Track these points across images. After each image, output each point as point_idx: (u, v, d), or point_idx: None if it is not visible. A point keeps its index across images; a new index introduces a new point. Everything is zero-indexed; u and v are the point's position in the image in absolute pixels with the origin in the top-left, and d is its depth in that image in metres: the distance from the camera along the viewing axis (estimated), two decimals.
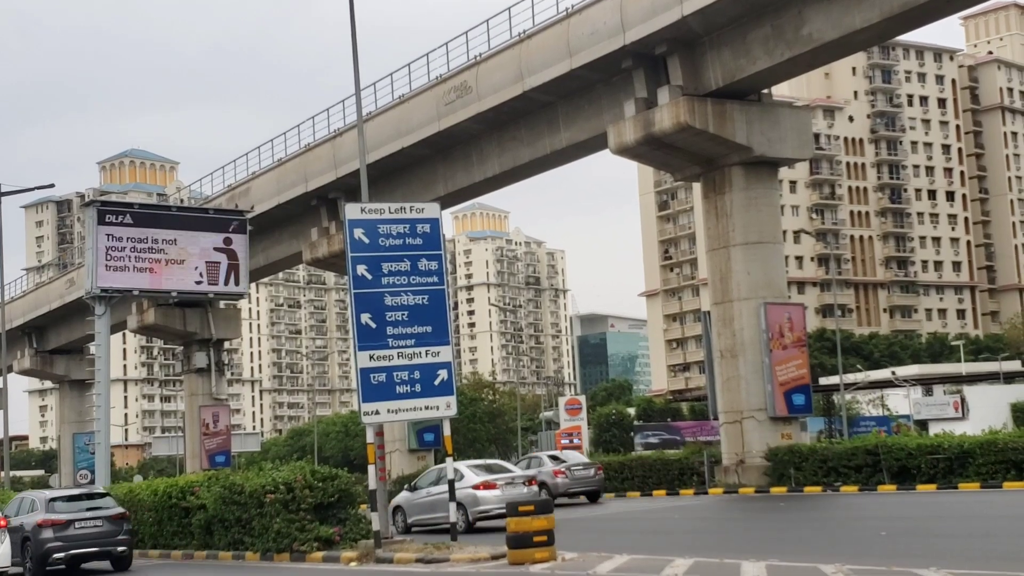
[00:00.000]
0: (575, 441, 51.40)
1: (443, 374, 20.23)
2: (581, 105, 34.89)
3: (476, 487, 24.66)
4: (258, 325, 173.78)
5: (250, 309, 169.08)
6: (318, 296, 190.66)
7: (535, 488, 26.01)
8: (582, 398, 56.77)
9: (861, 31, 28.21)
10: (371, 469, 20.23)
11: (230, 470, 29.42)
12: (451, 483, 20.51)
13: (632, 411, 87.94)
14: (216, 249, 41.64)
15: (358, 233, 20.15)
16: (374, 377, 19.74)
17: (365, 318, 19.87)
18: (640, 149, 32.61)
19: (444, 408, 20.26)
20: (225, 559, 22.42)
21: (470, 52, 37.25)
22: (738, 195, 31.71)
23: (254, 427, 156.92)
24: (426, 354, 20.10)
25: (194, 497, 23.73)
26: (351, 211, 20.33)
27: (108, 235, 38.39)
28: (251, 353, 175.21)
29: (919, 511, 22.97)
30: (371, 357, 19.77)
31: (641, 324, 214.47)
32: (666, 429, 68.87)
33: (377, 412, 19.80)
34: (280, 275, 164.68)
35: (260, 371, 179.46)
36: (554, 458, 34.04)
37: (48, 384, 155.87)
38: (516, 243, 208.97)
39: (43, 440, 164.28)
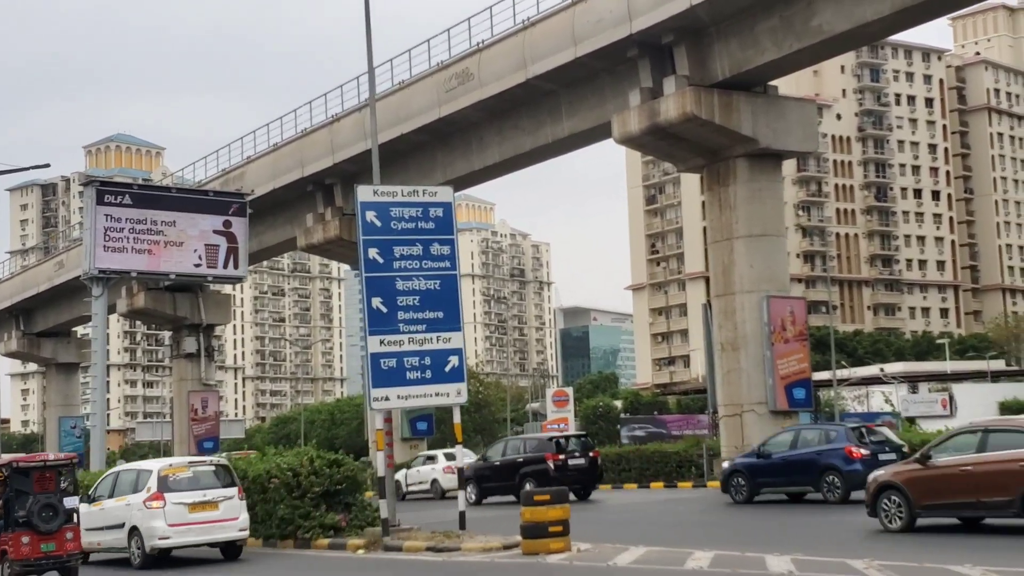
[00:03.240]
0: None
1: (454, 360, 20.03)
2: (585, 94, 34.61)
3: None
4: (242, 312, 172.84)
5: (234, 296, 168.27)
6: (302, 284, 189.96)
7: None
8: (569, 390, 56.72)
9: (871, 23, 28.03)
10: (379, 456, 20.02)
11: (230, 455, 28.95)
12: (460, 471, 20.31)
13: (619, 404, 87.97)
14: (215, 232, 41.23)
15: (370, 216, 19.90)
16: (384, 362, 19.50)
17: (376, 302, 19.62)
18: (644, 139, 32.39)
19: (455, 395, 20.07)
20: None
21: (472, 39, 36.96)
22: (742, 187, 31.52)
23: (236, 414, 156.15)
24: (437, 340, 19.89)
25: None
26: (363, 193, 20.07)
27: (107, 215, 37.92)
28: (235, 340, 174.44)
29: None
30: (381, 342, 19.53)
31: (623, 318, 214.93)
32: (652, 422, 68.67)
33: (387, 398, 19.57)
34: (264, 263, 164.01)
35: (243, 358, 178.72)
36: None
37: (31, 368, 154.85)
38: (501, 235, 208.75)
39: (24, 424, 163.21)
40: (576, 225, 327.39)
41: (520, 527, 16.87)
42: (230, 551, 19.46)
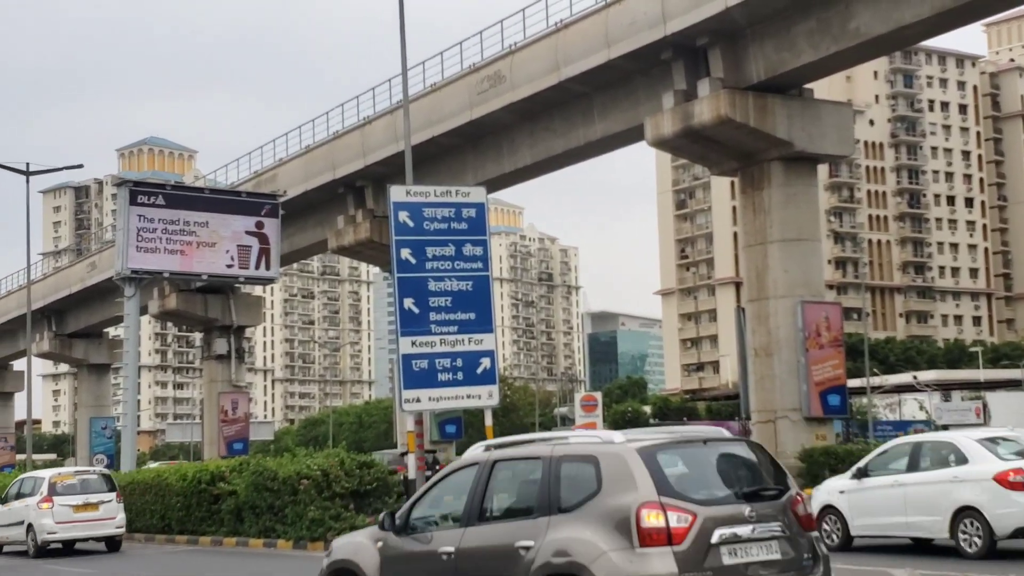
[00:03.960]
0: None
1: (486, 362, 19.84)
2: (617, 96, 34.37)
3: None
4: (271, 315, 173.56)
5: (264, 299, 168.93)
6: (331, 287, 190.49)
7: None
8: (598, 394, 56.45)
9: (910, 26, 27.64)
10: (410, 458, 19.86)
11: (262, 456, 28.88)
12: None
13: (647, 409, 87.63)
14: (248, 233, 41.19)
15: (403, 216, 19.75)
16: (416, 363, 19.34)
17: (408, 303, 19.48)
18: (678, 142, 32.11)
19: (486, 397, 19.88)
20: (256, 547, 22.02)
21: (505, 41, 36.82)
22: (777, 191, 31.16)
23: (265, 416, 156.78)
24: (469, 341, 19.72)
25: (224, 483, 23.34)
26: (396, 193, 19.94)
27: (140, 216, 37.93)
28: (264, 342, 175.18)
29: None
30: (413, 343, 19.38)
31: (651, 323, 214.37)
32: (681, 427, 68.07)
33: (418, 400, 19.42)
34: (294, 265, 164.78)
35: (272, 360, 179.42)
36: None
37: (62, 368, 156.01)
38: (530, 239, 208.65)
39: (56, 424, 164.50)
40: (604, 230, 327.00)
41: None
42: (111, 544, 23.38)
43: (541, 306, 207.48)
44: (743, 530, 7.91)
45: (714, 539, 7.79)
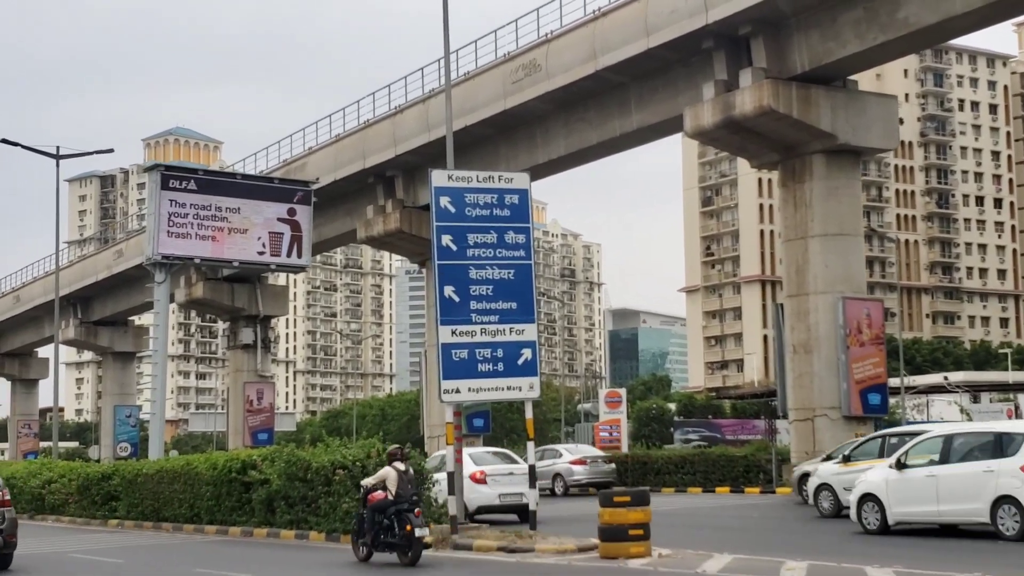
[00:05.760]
0: (614, 434, 50.65)
1: (527, 353, 19.28)
2: (655, 86, 33.78)
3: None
4: (294, 307, 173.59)
5: (288, 289, 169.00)
6: (354, 280, 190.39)
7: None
8: (622, 391, 55.93)
9: (961, 17, 26.95)
10: (448, 451, 19.34)
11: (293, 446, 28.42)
12: (532, 468, 19.57)
13: (672, 406, 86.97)
14: (279, 220, 40.79)
15: (444, 201, 19.23)
16: (456, 353, 18.82)
17: (448, 291, 18.95)
18: (717, 133, 31.50)
19: (527, 389, 19.33)
20: (287, 538, 21.54)
21: (541, 30, 36.26)
22: (819, 184, 30.54)
23: (287, 407, 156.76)
24: (510, 332, 19.18)
25: (256, 472, 22.87)
26: (438, 178, 19.42)
27: (171, 200, 37.54)
28: (287, 334, 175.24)
29: None
30: (453, 332, 18.86)
31: (673, 321, 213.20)
32: (707, 426, 67.78)
33: (457, 391, 18.90)
34: (317, 257, 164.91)
35: (295, 352, 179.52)
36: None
37: (85, 356, 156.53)
38: (553, 235, 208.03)
39: (78, 412, 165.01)
40: (626, 227, 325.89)
41: (598, 529, 16.13)
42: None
43: (563, 302, 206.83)
44: None
45: None
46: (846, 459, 22.37)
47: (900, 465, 18.20)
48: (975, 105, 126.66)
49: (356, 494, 19.90)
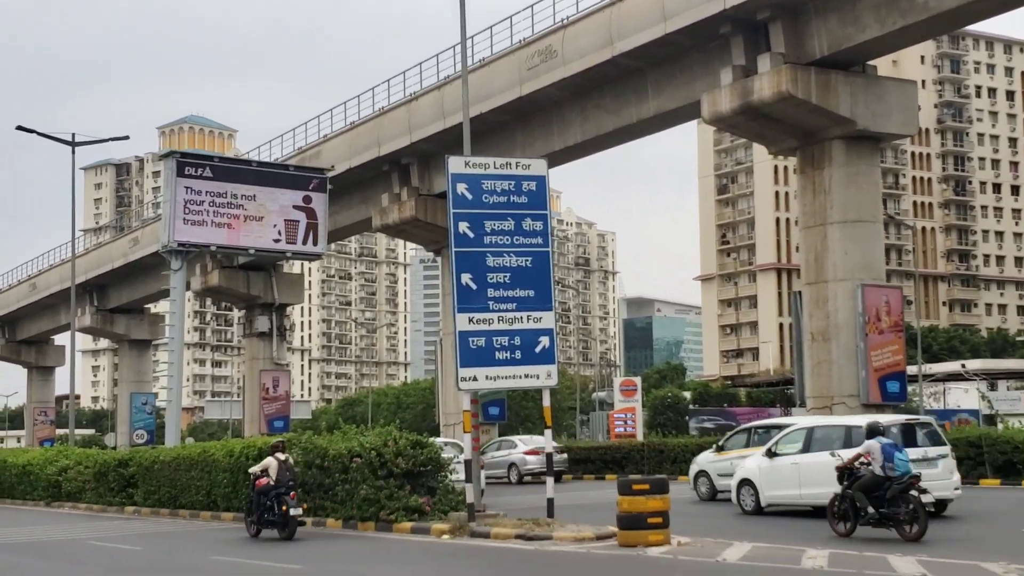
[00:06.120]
0: (629, 422, 50.54)
1: (544, 341, 19.15)
2: (672, 72, 33.53)
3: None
4: (309, 295, 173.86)
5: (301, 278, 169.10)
6: (368, 269, 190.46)
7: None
8: (637, 380, 55.78)
9: (982, 0, 26.65)
10: (466, 438, 19.25)
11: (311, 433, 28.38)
12: (549, 456, 19.47)
13: (687, 395, 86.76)
14: (295, 207, 40.67)
15: (461, 188, 19.11)
16: (473, 341, 18.71)
17: (466, 278, 18.84)
18: (735, 119, 31.22)
19: (545, 377, 19.20)
20: (304, 525, 21.49)
21: (557, 15, 36.02)
22: (838, 171, 30.27)
23: (303, 395, 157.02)
24: (528, 319, 19.05)
25: None
26: (454, 164, 19.29)
27: (187, 188, 37.42)
28: (302, 322, 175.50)
29: None
30: (470, 320, 18.75)
31: (687, 309, 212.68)
32: (722, 414, 67.60)
33: (475, 378, 18.80)
34: (332, 246, 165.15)
35: (310, 340, 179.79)
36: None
37: (101, 344, 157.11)
38: (567, 223, 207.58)
39: (94, 400, 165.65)
40: (640, 216, 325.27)
41: (617, 517, 16.02)
42: None
43: (578, 291, 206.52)
44: None
45: None
46: (719, 449, 25.01)
47: (771, 454, 20.53)
48: (992, 92, 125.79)
49: (374, 481, 19.94)
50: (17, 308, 71.70)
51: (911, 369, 55.45)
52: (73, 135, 38.51)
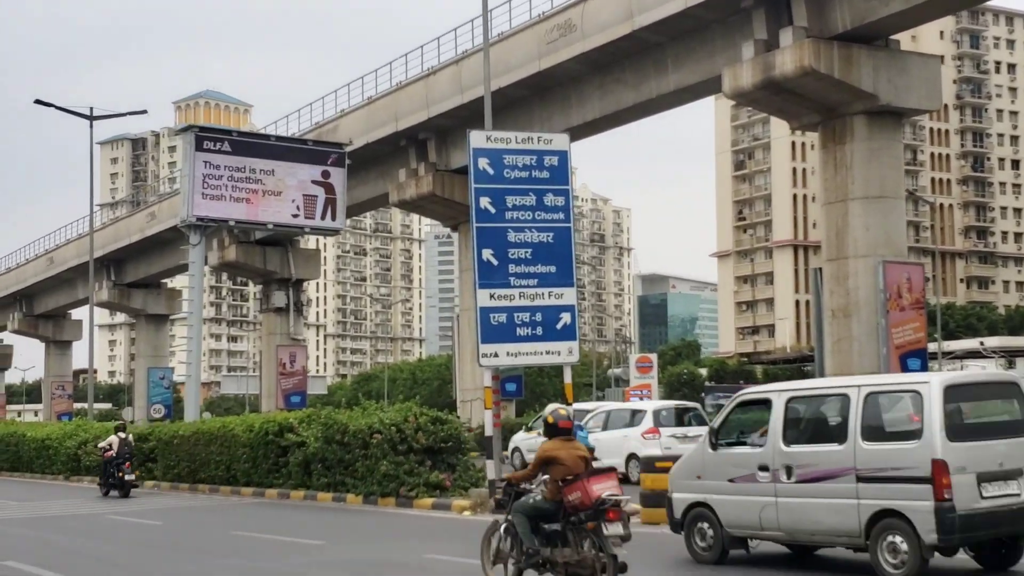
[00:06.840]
0: (645, 399, 50.44)
1: (566, 317, 19.05)
2: (693, 46, 33.23)
3: None
4: (325, 271, 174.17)
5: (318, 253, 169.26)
6: (383, 244, 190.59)
7: None
8: (653, 356, 55.63)
9: None
10: (487, 415, 19.19)
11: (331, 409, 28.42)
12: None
13: (703, 372, 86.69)
14: (313, 182, 40.48)
15: (482, 163, 18.94)
16: (494, 317, 18.60)
17: (487, 254, 18.70)
18: (757, 94, 30.90)
19: (566, 354, 19.11)
20: (324, 500, 21.53)
21: None
22: (860, 146, 29.96)
23: (318, 371, 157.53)
24: (549, 295, 18.93)
25: (293, 435, 22.83)
26: (476, 139, 19.13)
27: (205, 162, 37.26)
28: (317, 298, 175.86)
29: None
30: (491, 296, 18.63)
31: (702, 286, 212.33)
32: (738, 391, 67.49)
33: (496, 355, 18.69)
34: (348, 222, 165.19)
35: (325, 316, 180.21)
36: None
37: (118, 319, 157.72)
38: (583, 200, 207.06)
39: (111, 374, 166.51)
40: (655, 192, 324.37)
41: (640, 495, 15.93)
42: None
43: (593, 267, 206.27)
44: None
45: None
46: (528, 429, 29.80)
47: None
48: (1011, 67, 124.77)
49: (394, 457, 19.93)
50: (34, 282, 71.93)
51: (930, 347, 55.36)
52: (91, 109, 38.43)
